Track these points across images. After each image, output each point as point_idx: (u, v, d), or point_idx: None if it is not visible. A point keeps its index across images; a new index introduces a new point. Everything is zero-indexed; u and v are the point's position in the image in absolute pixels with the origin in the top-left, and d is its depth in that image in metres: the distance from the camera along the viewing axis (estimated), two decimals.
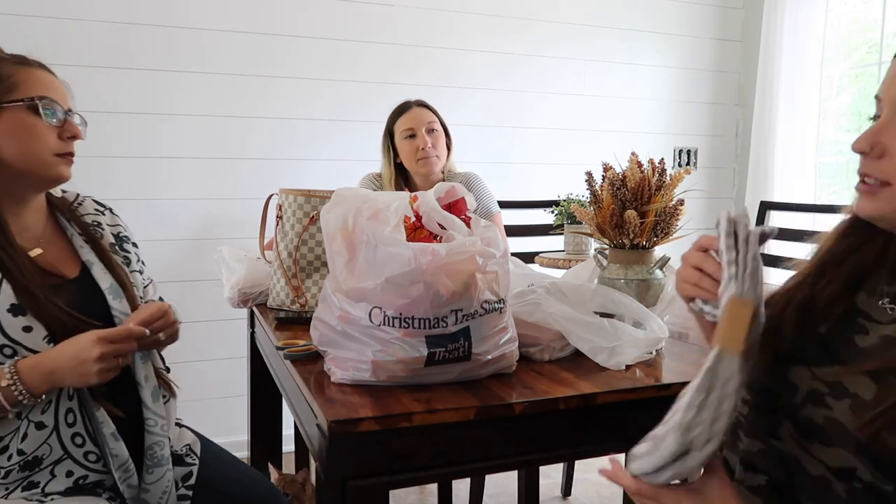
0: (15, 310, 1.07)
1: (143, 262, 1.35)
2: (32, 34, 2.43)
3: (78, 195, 1.32)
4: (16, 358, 1.05)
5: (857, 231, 0.83)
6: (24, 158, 1.13)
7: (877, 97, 0.78)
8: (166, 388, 1.27)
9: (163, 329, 1.17)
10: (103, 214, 1.34)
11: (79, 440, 1.11)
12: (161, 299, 1.33)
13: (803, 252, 0.92)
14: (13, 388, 1.02)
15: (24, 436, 1.07)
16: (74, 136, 1.18)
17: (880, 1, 3.00)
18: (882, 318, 0.78)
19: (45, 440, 1.08)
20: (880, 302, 0.79)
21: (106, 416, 1.11)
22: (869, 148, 0.75)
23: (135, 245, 1.35)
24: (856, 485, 0.72)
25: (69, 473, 1.10)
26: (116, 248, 1.29)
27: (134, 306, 1.22)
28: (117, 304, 1.19)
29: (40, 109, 1.13)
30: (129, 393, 1.17)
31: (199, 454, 1.31)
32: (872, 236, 0.82)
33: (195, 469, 1.27)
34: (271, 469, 1.78)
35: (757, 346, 0.76)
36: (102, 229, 1.30)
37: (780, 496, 0.79)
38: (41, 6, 2.47)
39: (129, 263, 1.29)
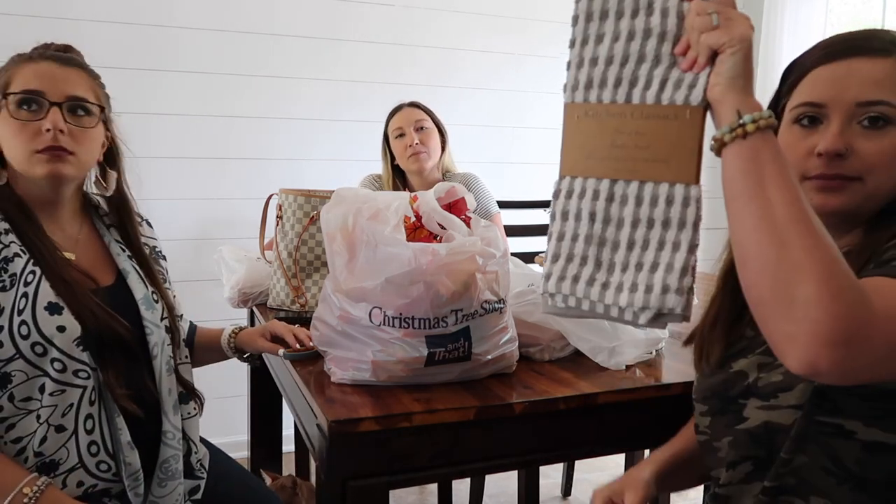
0: (52, 308, 1.06)
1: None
2: (32, 34, 2.42)
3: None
4: (49, 482, 1.03)
5: None
6: (12, 159, 1.11)
7: (814, 104, 0.82)
8: (196, 400, 1.27)
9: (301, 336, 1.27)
10: (140, 225, 1.32)
11: (94, 449, 1.09)
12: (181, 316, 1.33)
13: None
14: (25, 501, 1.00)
15: (44, 438, 1.06)
16: (51, 130, 1.07)
17: (880, 1, 3.00)
18: None
19: (63, 443, 1.07)
20: None
21: (124, 424, 1.10)
22: (844, 149, 0.79)
23: (164, 259, 1.35)
24: (826, 406, 0.75)
25: (80, 484, 1.09)
26: (150, 259, 1.28)
27: (173, 319, 1.23)
28: (150, 314, 1.18)
29: (8, 107, 1.08)
30: (148, 404, 1.16)
31: (207, 467, 1.30)
32: None
33: (203, 483, 1.27)
34: (264, 475, 1.77)
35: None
36: (140, 238, 1.28)
37: (770, 471, 0.81)
38: (41, 6, 2.47)
39: (165, 280, 1.29)
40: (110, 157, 1.24)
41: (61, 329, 1.06)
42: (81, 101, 1.13)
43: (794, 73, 0.88)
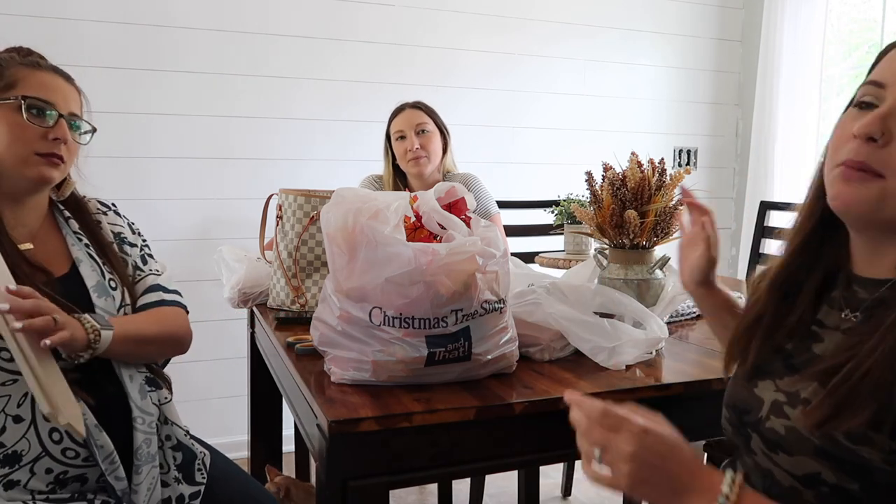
0: None
1: (143, 259, 1.35)
2: (31, 34, 2.43)
3: (83, 196, 1.35)
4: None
5: (809, 249, 0.85)
6: (6, 155, 1.16)
7: (876, 83, 0.74)
8: (165, 384, 1.28)
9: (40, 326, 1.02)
10: (105, 214, 1.36)
11: (56, 436, 1.10)
12: (166, 299, 1.33)
13: None
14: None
15: (3, 429, 1.08)
16: (59, 139, 1.18)
17: (880, 1, 3.00)
18: (837, 324, 0.80)
19: (23, 434, 1.08)
20: (843, 314, 0.80)
21: (87, 409, 1.11)
22: (880, 133, 0.70)
23: (132, 245, 1.35)
24: (823, 489, 0.72)
25: (48, 471, 1.10)
26: (115, 247, 1.31)
27: (135, 305, 1.25)
28: (102, 302, 1.20)
29: (22, 108, 1.16)
30: (113, 391, 1.17)
31: (208, 470, 1.30)
32: (820, 253, 0.84)
33: (202, 488, 1.27)
34: (268, 472, 1.76)
35: None
36: (101, 228, 1.32)
37: None
38: (41, 6, 2.47)
39: (126, 265, 1.30)
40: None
41: None
42: (79, 119, 1.25)
43: (877, 58, 0.78)
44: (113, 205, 1.40)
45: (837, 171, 0.74)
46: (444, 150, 2.38)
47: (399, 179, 2.39)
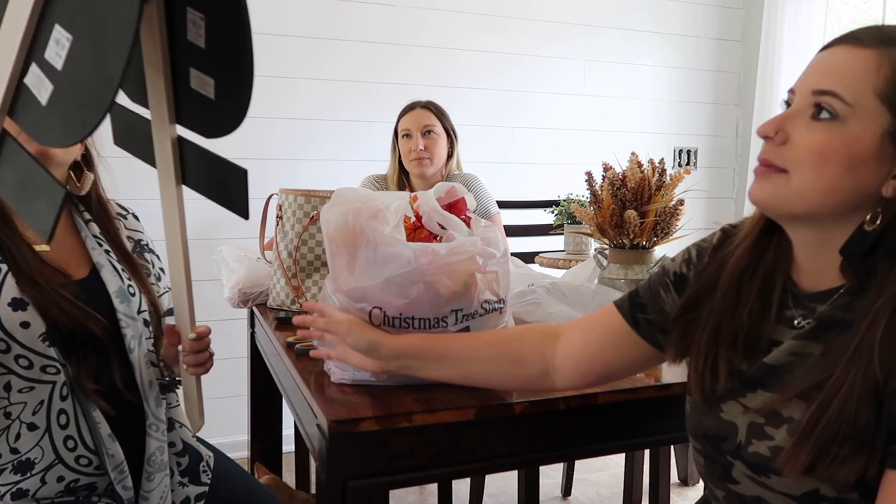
0: (16, 304, 1.06)
1: (162, 271, 1.35)
2: None
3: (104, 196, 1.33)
4: None
5: (763, 239, 0.83)
6: None
7: (790, 90, 0.78)
8: (175, 385, 1.28)
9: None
10: (125, 218, 1.34)
11: (71, 444, 1.10)
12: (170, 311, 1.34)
13: None
14: None
15: (18, 436, 1.06)
16: None
17: (880, 1, 3.00)
18: (788, 333, 0.79)
19: (37, 442, 1.07)
20: (795, 321, 0.79)
21: (102, 417, 1.11)
22: (773, 133, 0.75)
23: (152, 252, 1.35)
24: None
25: (60, 479, 1.09)
26: (134, 254, 1.29)
27: (156, 312, 1.25)
28: (124, 308, 1.18)
29: None
30: (129, 397, 1.17)
31: (212, 470, 1.31)
32: (770, 242, 0.82)
33: (207, 489, 1.28)
34: (257, 471, 1.75)
35: None
36: (120, 233, 1.30)
37: None
38: None
39: (150, 274, 1.30)
40: (87, 160, 1.29)
41: (25, 325, 1.06)
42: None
43: None
44: (131, 209, 1.38)
45: (755, 167, 0.78)
46: (451, 154, 2.39)
47: (403, 177, 2.40)
